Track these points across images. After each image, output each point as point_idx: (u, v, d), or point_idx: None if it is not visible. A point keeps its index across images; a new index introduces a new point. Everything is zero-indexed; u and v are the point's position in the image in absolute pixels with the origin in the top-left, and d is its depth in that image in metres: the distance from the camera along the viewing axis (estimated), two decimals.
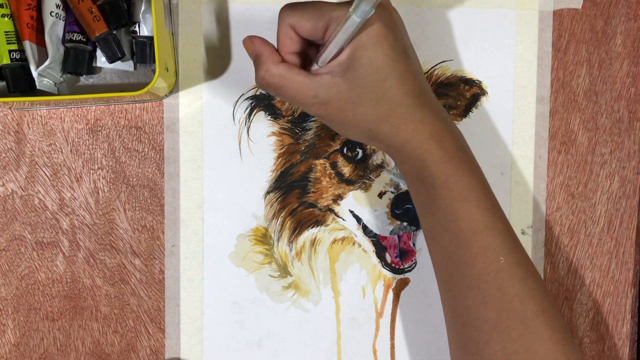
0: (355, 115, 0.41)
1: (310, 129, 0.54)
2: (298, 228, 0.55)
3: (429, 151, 0.42)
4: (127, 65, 0.51)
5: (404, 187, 0.53)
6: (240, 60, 0.54)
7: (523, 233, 0.55)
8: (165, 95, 0.53)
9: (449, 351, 0.46)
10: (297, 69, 0.41)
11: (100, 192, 0.54)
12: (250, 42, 0.43)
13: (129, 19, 0.49)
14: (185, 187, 0.54)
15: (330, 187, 0.54)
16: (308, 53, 0.44)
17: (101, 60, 0.51)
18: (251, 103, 0.54)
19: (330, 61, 0.41)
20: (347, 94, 0.40)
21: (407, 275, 0.55)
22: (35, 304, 0.54)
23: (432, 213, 0.43)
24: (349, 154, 0.54)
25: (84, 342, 0.54)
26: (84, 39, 0.49)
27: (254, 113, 0.54)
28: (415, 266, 0.55)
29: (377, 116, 0.41)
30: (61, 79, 0.50)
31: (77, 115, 0.53)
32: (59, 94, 0.50)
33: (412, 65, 0.42)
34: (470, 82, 0.55)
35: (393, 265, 0.55)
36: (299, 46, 0.43)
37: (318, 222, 0.55)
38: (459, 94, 0.55)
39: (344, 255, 0.55)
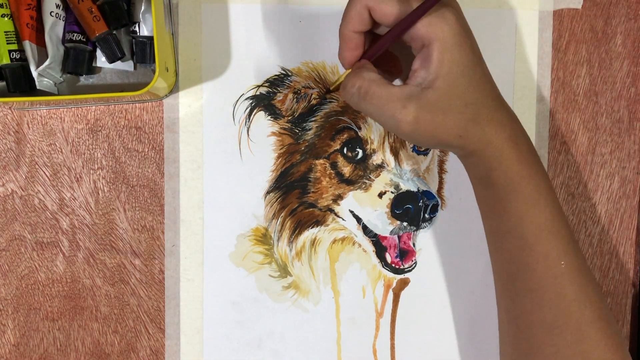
0: (445, 123, 0.40)
1: (310, 129, 0.54)
2: (298, 228, 0.55)
3: (506, 152, 0.41)
4: (127, 65, 0.51)
5: (404, 187, 0.53)
6: (240, 60, 0.54)
7: None
8: (165, 95, 0.53)
9: (500, 352, 0.46)
10: (386, 80, 0.40)
11: (100, 192, 0.54)
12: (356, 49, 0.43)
13: (128, 19, 0.49)
14: (185, 187, 0.54)
15: (330, 187, 0.54)
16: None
17: (101, 60, 0.51)
18: (251, 103, 0.54)
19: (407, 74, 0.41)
20: (437, 103, 0.39)
21: (407, 275, 0.55)
22: (35, 304, 0.54)
23: (499, 216, 0.43)
24: (349, 154, 0.54)
25: (84, 342, 0.54)
26: (84, 39, 0.49)
27: (254, 113, 0.54)
28: (415, 266, 0.55)
29: (466, 120, 0.40)
30: (61, 79, 0.50)
31: (77, 115, 0.53)
32: (59, 94, 0.50)
33: (486, 67, 0.42)
34: None
35: (393, 265, 0.55)
36: (365, 28, 0.42)
37: (318, 222, 0.55)
38: None
39: (344, 255, 0.55)
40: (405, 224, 0.53)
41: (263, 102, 0.54)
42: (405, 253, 0.55)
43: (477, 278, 0.55)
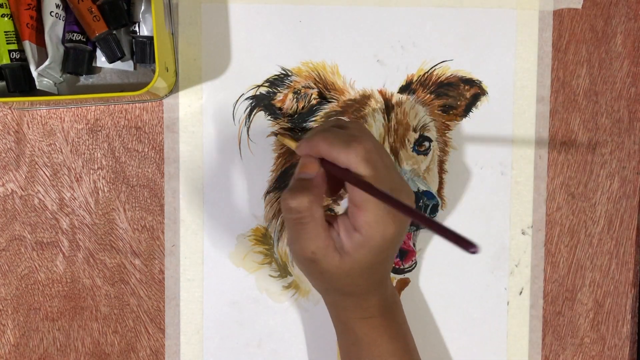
0: (332, 284, 0.44)
1: (310, 129, 0.54)
2: None
3: (360, 321, 0.45)
4: (127, 65, 0.51)
5: None
6: (240, 60, 0.54)
7: (523, 233, 0.55)
8: (165, 95, 0.53)
9: None
10: (323, 221, 0.42)
11: (100, 192, 0.54)
12: (315, 164, 0.43)
13: (128, 19, 0.49)
14: (185, 187, 0.54)
15: None
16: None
17: (101, 60, 0.51)
18: (251, 103, 0.54)
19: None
20: (340, 271, 0.42)
21: (407, 275, 0.55)
22: (35, 304, 0.54)
23: None
24: None
25: (84, 342, 0.54)
26: (84, 39, 0.49)
27: (254, 113, 0.54)
28: (415, 266, 0.55)
29: (343, 291, 0.44)
30: (61, 79, 0.50)
31: (77, 115, 0.53)
32: (59, 94, 0.50)
33: (393, 258, 0.46)
34: (470, 82, 0.55)
35: (393, 265, 0.55)
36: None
37: None
38: (459, 94, 0.55)
39: None
40: None
41: (263, 102, 0.54)
42: (405, 253, 0.55)
43: (477, 278, 0.55)
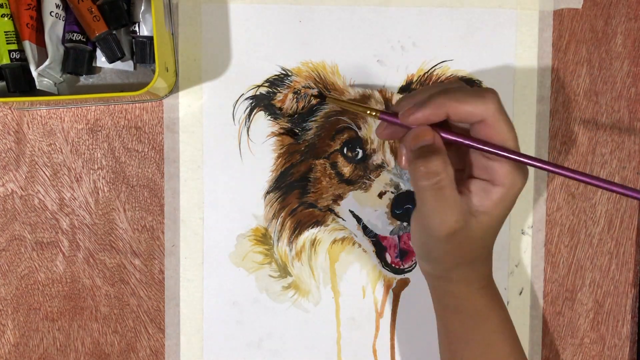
0: (462, 252, 0.42)
1: (310, 129, 0.54)
2: (298, 228, 0.55)
3: (480, 288, 0.45)
4: (127, 65, 0.51)
5: (404, 187, 0.53)
6: (240, 60, 0.54)
7: (523, 233, 0.55)
8: (165, 95, 0.53)
9: None
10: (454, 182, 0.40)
11: (100, 192, 0.54)
12: (430, 130, 0.41)
13: (128, 19, 0.49)
14: (185, 187, 0.54)
15: (330, 187, 0.54)
16: None
17: (101, 60, 0.51)
18: (251, 103, 0.54)
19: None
20: (478, 234, 0.41)
21: (407, 275, 0.55)
22: (35, 304, 0.54)
23: (466, 343, 0.45)
24: (349, 154, 0.54)
25: (84, 342, 0.54)
26: (84, 39, 0.49)
27: (253, 113, 0.54)
28: (415, 266, 0.55)
29: (471, 258, 0.43)
30: (61, 79, 0.50)
31: (77, 115, 0.53)
32: (59, 94, 0.50)
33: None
34: (470, 82, 0.55)
35: (393, 265, 0.55)
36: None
37: (318, 222, 0.55)
38: None
39: (344, 256, 0.55)
40: (405, 224, 0.53)
41: (263, 102, 0.54)
42: (406, 253, 0.55)
43: None
